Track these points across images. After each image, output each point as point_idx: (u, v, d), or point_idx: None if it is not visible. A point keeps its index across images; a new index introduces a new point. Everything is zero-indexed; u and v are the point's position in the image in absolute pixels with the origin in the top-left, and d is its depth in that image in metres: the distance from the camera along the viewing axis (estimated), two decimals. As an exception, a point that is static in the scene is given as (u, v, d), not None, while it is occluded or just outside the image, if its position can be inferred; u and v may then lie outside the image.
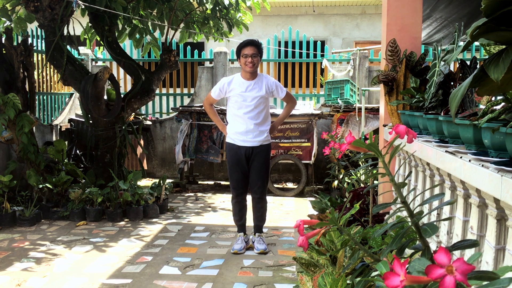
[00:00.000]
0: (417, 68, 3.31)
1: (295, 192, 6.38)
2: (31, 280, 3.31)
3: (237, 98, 3.82)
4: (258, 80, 3.86)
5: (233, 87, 3.85)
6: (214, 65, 7.64)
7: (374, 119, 6.00)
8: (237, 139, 3.88)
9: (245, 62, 3.77)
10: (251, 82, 3.83)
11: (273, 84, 3.91)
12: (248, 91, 3.81)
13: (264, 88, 3.85)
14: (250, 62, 3.75)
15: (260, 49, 3.84)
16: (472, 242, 1.12)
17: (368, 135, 1.35)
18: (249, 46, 3.78)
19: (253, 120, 3.83)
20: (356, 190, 3.99)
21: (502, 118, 1.69)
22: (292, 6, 11.45)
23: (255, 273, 3.46)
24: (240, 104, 3.82)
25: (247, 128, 3.83)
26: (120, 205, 5.04)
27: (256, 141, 3.87)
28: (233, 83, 3.86)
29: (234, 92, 3.83)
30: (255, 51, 3.77)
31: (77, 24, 5.56)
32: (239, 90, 3.82)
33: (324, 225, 1.38)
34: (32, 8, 5.07)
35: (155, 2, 5.56)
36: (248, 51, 3.76)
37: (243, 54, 3.77)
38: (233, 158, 3.91)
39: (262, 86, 3.85)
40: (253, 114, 3.83)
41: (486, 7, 1.26)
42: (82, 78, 5.31)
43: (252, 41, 3.83)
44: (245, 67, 3.79)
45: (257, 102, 3.83)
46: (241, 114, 3.83)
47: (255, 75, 3.87)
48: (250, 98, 3.81)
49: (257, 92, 3.82)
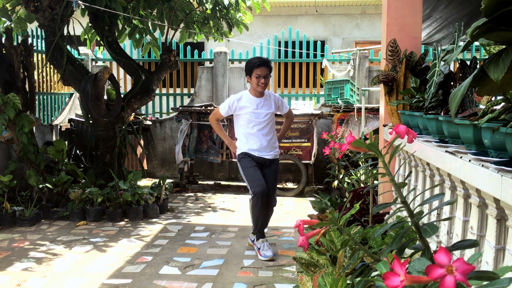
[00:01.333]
0: (417, 68, 3.31)
1: (295, 192, 6.38)
2: (31, 280, 3.31)
3: (249, 116, 3.87)
4: (266, 97, 3.95)
5: (243, 105, 3.88)
6: (214, 65, 7.64)
7: (374, 119, 6.00)
8: (252, 151, 3.92)
9: (257, 83, 3.82)
10: (261, 99, 3.91)
11: (279, 100, 4.05)
12: (260, 108, 3.89)
13: (273, 105, 3.96)
14: (263, 83, 3.82)
15: (271, 68, 3.91)
16: (472, 242, 1.12)
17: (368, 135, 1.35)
18: (262, 67, 3.81)
19: (266, 137, 3.92)
20: (356, 190, 3.99)
21: (502, 118, 1.69)
22: (292, 6, 11.45)
23: (255, 273, 3.46)
24: (254, 122, 3.88)
25: (261, 145, 3.90)
26: (120, 205, 5.04)
27: (270, 154, 3.97)
28: (243, 100, 3.90)
29: (246, 110, 3.87)
30: (267, 72, 3.84)
31: (77, 24, 5.56)
32: (251, 107, 3.87)
33: (324, 225, 1.38)
34: (32, 8, 5.07)
35: (155, 2, 5.56)
36: (261, 72, 3.80)
37: (256, 75, 3.81)
38: (250, 163, 3.91)
39: (272, 102, 3.96)
40: (265, 131, 3.91)
41: (486, 7, 1.26)
42: (82, 78, 5.31)
43: (265, 62, 3.85)
44: (257, 87, 3.85)
45: (269, 119, 3.92)
46: (255, 132, 3.88)
47: (263, 93, 3.95)
48: (262, 114, 3.88)
49: (268, 108, 3.91)
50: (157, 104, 8.11)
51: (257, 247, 3.92)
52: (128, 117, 5.75)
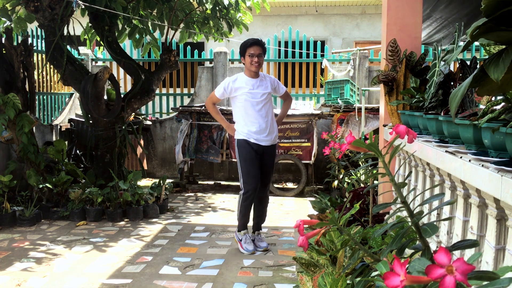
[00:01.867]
0: (417, 68, 3.31)
1: (295, 192, 6.38)
2: (31, 280, 3.31)
3: (246, 96, 3.85)
4: (262, 78, 3.96)
5: (239, 86, 3.87)
6: (214, 65, 7.64)
7: (374, 119, 5.99)
8: (251, 138, 3.88)
9: (250, 62, 3.83)
10: (257, 79, 3.92)
11: (274, 80, 4.05)
12: (256, 88, 3.88)
13: (269, 85, 3.96)
14: (256, 61, 3.82)
15: (265, 48, 3.92)
16: (472, 242, 1.12)
17: (368, 135, 1.35)
18: (254, 46, 3.84)
19: (265, 117, 3.89)
20: (356, 190, 3.99)
21: (502, 118, 1.69)
22: (292, 6, 11.45)
23: (255, 273, 3.46)
24: (251, 102, 3.86)
25: (260, 126, 3.87)
26: (120, 205, 5.04)
27: (269, 140, 3.93)
28: (238, 81, 3.89)
29: (242, 91, 3.86)
30: (260, 51, 3.85)
31: (77, 24, 5.56)
32: (247, 88, 3.86)
33: (324, 225, 1.38)
34: (32, 8, 5.07)
35: (155, 2, 5.56)
36: (254, 51, 3.82)
37: (249, 54, 3.83)
38: (249, 154, 3.87)
39: (268, 83, 3.96)
40: (263, 112, 3.89)
41: (486, 7, 1.26)
42: (82, 78, 5.31)
43: (258, 41, 3.88)
44: (250, 66, 3.85)
45: (266, 99, 3.91)
46: (253, 112, 3.86)
47: (258, 74, 3.95)
48: (259, 94, 3.87)
49: (264, 88, 3.91)
50: (157, 104, 8.11)
51: (239, 238, 3.97)
52: (128, 117, 5.75)
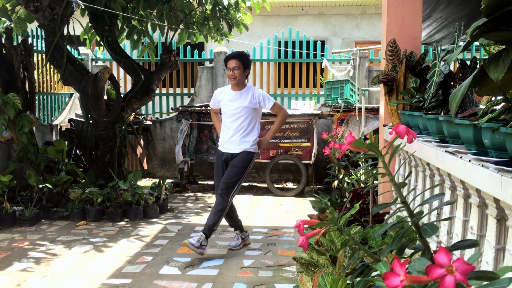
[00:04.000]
0: (417, 68, 3.31)
1: (295, 192, 6.38)
2: (31, 280, 3.31)
3: (224, 107, 4.01)
4: (245, 91, 3.96)
5: (222, 97, 4.04)
6: (214, 65, 7.64)
7: (374, 119, 5.99)
8: (222, 147, 4.02)
9: (228, 75, 3.95)
10: (238, 92, 3.97)
11: (259, 95, 3.94)
12: (233, 100, 3.95)
13: (249, 99, 3.91)
14: (231, 75, 3.90)
15: (244, 60, 3.92)
16: (472, 242, 1.12)
17: (368, 135, 1.35)
18: (230, 60, 3.92)
19: (236, 130, 3.93)
20: (356, 190, 3.99)
21: (502, 118, 1.69)
22: (292, 6, 11.45)
23: (255, 273, 3.46)
24: (226, 114, 3.99)
25: (229, 137, 3.95)
26: (120, 205, 5.04)
27: (235, 148, 3.94)
28: (223, 93, 4.05)
29: (223, 102, 4.03)
30: (237, 64, 3.88)
31: (77, 24, 5.56)
32: (226, 100, 3.99)
33: (324, 225, 1.38)
34: (32, 8, 5.07)
35: (155, 2, 5.55)
36: (230, 65, 3.91)
37: (227, 68, 3.93)
38: (216, 163, 4.08)
39: (248, 97, 3.93)
40: (236, 124, 3.93)
41: (486, 7, 1.26)
42: (82, 78, 5.31)
43: (234, 55, 3.94)
44: (229, 79, 3.96)
45: (240, 112, 3.91)
46: (227, 124, 3.99)
47: (243, 86, 3.97)
48: (234, 107, 3.94)
49: (240, 102, 3.93)
50: (157, 104, 8.11)
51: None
52: (128, 117, 5.75)
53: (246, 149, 3.90)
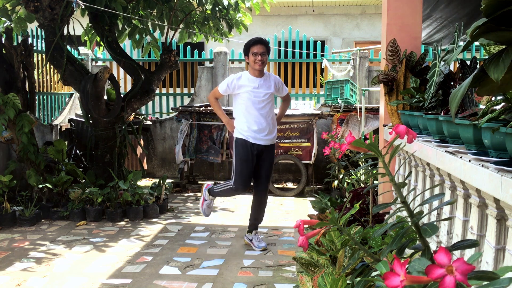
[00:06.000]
0: (417, 68, 3.31)
1: (295, 192, 6.38)
2: (31, 280, 3.31)
3: (249, 94, 3.85)
4: (266, 77, 3.95)
5: (243, 83, 3.88)
6: (214, 65, 7.64)
7: (374, 119, 5.99)
8: (250, 137, 3.87)
9: (254, 60, 3.84)
10: (261, 79, 3.92)
11: (279, 81, 4.05)
12: (259, 87, 3.88)
13: (273, 85, 3.96)
14: (260, 60, 3.83)
15: (268, 48, 3.93)
16: (472, 242, 1.12)
17: (368, 135, 1.35)
18: (258, 44, 3.85)
19: (266, 117, 3.89)
20: (356, 190, 3.99)
21: (502, 118, 1.69)
22: (292, 6, 11.45)
23: (255, 273, 3.46)
24: (253, 101, 3.85)
25: (261, 125, 3.87)
26: (120, 205, 5.04)
27: (268, 139, 3.93)
28: (243, 79, 3.90)
29: (245, 89, 3.86)
30: (264, 49, 3.86)
31: (77, 24, 5.56)
32: (251, 86, 3.86)
33: (324, 225, 1.38)
34: (32, 8, 5.07)
35: (155, 2, 5.55)
36: (258, 49, 3.83)
37: (253, 52, 3.84)
38: (245, 155, 3.88)
39: (271, 83, 3.96)
40: (265, 111, 3.89)
41: (486, 7, 1.26)
42: (82, 78, 5.31)
43: (261, 40, 3.91)
44: (254, 65, 3.86)
45: (268, 98, 3.91)
46: (254, 111, 3.86)
47: (263, 73, 3.95)
48: (262, 94, 3.87)
49: (267, 88, 3.91)
50: (157, 104, 8.11)
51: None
52: (128, 117, 5.75)
53: (274, 140, 4.01)
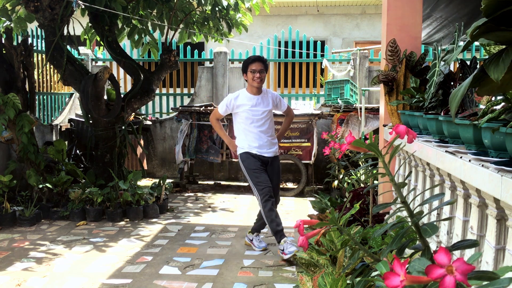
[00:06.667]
0: (417, 68, 3.31)
1: (295, 192, 6.37)
2: (31, 280, 3.31)
3: (247, 113, 3.88)
4: (264, 95, 3.96)
5: (241, 103, 3.90)
6: (214, 65, 7.64)
7: (374, 119, 5.99)
8: (254, 150, 3.92)
9: (252, 78, 3.85)
10: (258, 96, 3.92)
11: (277, 97, 4.05)
12: (257, 105, 3.89)
13: (271, 102, 3.96)
14: (258, 77, 3.84)
15: (266, 65, 3.94)
16: (472, 242, 1.12)
17: (368, 135, 1.35)
18: (256, 62, 3.86)
19: (265, 134, 3.92)
20: (356, 190, 3.99)
21: (502, 118, 1.69)
22: (292, 6, 11.44)
23: (255, 273, 3.46)
24: (251, 119, 3.89)
25: (261, 142, 3.91)
26: (120, 205, 5.04)
27: (271, 152, 3.96)
28: (240, 98, 3.92)
29: (243, 108, 3.88)
30: (262, 67, 3.86)
31: (77, 24, 5.56)
32: (249, 105, 3.88)
33: (324, 225, 1.38)
34: (32, 8, 5.07)
35: (155, 2, 5.55)
36: (256, 67, 3.84)
37: (251, 70, 3.85)
38: (254, 164, 3.88)
39: (269, 100, 3.96)
40: (264, 128, 3.91)
41: (486, 7, 1.26)
42: (82, 78, 5.31)
43: (259, 57, 3.92)
44: (252, 82, 3.87)
45: (266, 116, 3.92)
46: (253, 129, 3.89)
47: (261, 90, 3.96)
48: (260, 111, 3.89)
49: (265, 106, 3.92)
50: (157, 104, 8.10)
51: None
52: (128, 117, 5.75)
53: (277, 152, 4.06)
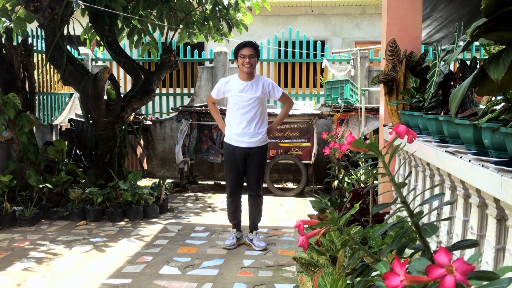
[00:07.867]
0: (417, 68, 3.31)
1: (295, 192, 6.38)
2: (31, 280, 3.31)
3: (234, 98, 3.90)
4: (255, 81, 3.92)
5: (230, 88, 3.93)
6: (214, 65, 7.64)
7: (374, 119, 5.99)
8: (234, 140, 3.95)
9: (242, 63, 3.85)
10: (248, 82, 3.90)
11: (269, 84, 3.97)
12: (245, 91, 3.88)
13: (260, 89, 3.91)
14: (248, 62, 3.83)
15: (257, 50, 3.92)
16: (472, 242, 1.12)
17: (368, 135, 1.35)
18: (246, 47, 3.85)
19: (250, 121, 3.89)
20: (356, 190, 3.99)
21: (502, 118, 1.69)
22: (292, 6, 11.44)
23: (255, 273, 3.46)
24: (237, 105, 3.89)
25: (243, 129, 3.89)
26: (120, 205, 5.04)
27: (252, 142, 3.92)
28: (230, 83, 3.94)
29: (232, 93, 3.91)
30: (252, 52, 3.85)
31: (77, 24, 5.56)
32: (236, 90, 3.89)
33: (324, 225, 1.38)
34: (32, 8, 5.07)
35: (155, 2, 5.55)
36: (246, 52, 3.83)
37: (241, 55, 3.85)
38: (230, 158, 3.98)
39: (259, 87, 3.92)
40: (250, 115, 3.88)
41: (486, 7, 1.26)
42: (82, 78, 5.31)
43: (250, 43, 3.92)
44: (242, 68, 3.87)
45: (253, 103, 3.88)
46: (238, 115, 3.90)
47: (252, 76, 3.93)
48: (247, 98, 3.87)
49: (253, 93, 3.88)
50: (157, 104, 8.10)
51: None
52: (128, 117, 5.75)
53: (262, 142, 3.96)
